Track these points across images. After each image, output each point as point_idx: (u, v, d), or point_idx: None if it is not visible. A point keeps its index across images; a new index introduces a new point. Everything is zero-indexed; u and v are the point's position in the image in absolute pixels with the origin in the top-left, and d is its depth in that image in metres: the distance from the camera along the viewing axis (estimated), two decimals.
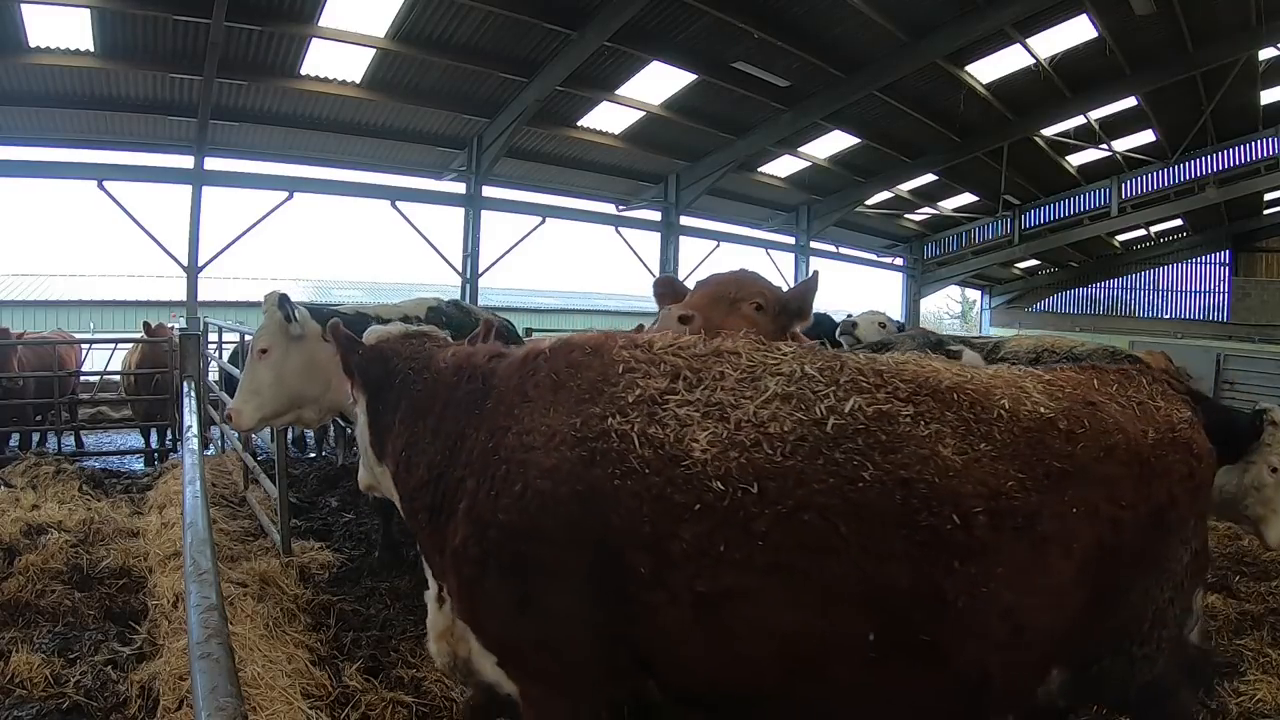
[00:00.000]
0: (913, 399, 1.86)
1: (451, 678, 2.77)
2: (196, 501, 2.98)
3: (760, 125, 14.45)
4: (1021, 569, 1.78)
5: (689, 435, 1.79)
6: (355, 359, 2.39)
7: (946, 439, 1.79)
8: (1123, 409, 2.04)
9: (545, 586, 1.84)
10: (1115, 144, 17.28)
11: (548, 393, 1.96)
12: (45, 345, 8.56)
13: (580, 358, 2.01)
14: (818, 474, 1.72)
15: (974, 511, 1.73)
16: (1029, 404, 1.94)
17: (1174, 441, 2.04)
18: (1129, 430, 1.99)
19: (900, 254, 23.16)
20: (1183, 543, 2.04)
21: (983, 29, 11.16)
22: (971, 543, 1.72)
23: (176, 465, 6.82)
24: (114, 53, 10.08)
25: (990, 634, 1.77)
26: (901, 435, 1.78)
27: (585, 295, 27.38)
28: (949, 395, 1.89)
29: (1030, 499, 1.79)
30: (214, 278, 13.70)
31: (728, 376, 1.92)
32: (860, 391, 1.86)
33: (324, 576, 4.63)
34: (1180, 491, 2.00)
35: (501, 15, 10.39)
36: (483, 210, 14.53)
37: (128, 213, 11.50)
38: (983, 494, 1.75)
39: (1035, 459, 1.83)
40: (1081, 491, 1.86)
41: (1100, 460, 1.90)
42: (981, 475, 1.77)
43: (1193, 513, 2.06)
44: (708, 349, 2.03)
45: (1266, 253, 22.40)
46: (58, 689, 3.26)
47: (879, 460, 1.74)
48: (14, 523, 5.13)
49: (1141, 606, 1.99)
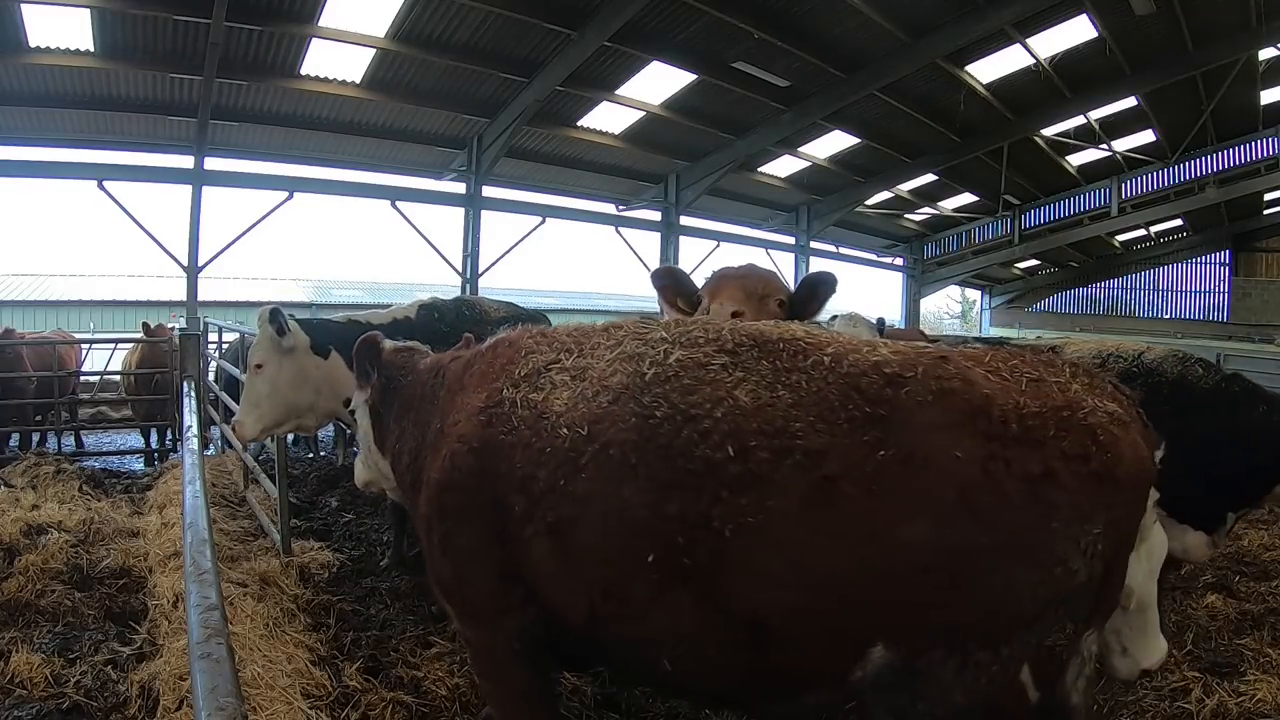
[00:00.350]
0: (736, 351, 2.01)
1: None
2: (196, 501, 2.99)
3: (760, 125, 14.46)
4: (802, 506, 1.78)
5: (554, 395, 2.13)
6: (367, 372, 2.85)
7: (747, 384, 1.92)
8: (993, 374, 1.85)
9: (458, 528, 2.24)
10: (1115, 144, 17.29)
11: (476, 379, 2.39)
12: (45, 345, 8.55)
13: (501, 348, 2.43)
14: (626, 415, 1.97)
15: (750, 446, 1.83)
16: (861, 356, 1.91)
17: (1066, 420, 1.76)
18: (984, 387, 1.81)
19: (900, 254, 23.16)
20: (1071, 543, 1.73)
21: (983, 29, 11.18)
22: (743, 474, 1.82)
23: (176, 465, 6.82)
24: (114, 53, 10.08)
25: (766, 571, 1.81)
26: (704, 380, 1.96)
27: (585, 295, 27.35)
28: (773, 346, 2.00)
29: (818, 439, 1.80)
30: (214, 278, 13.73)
31: (600, 346, 2.22)
32: (687, 346, 2.07)
33: (324, 576, 4.64)
34: (1069, 478, 1.72)
35: (501, 15, 10.40)
36: (483, 210, 14.54)
37: (128, 213, 11.51)
38: (765, 432, 1.83)
39: (839, 403, 1.83)
40: (897, 436, 1.77)
41: (926, 405, 1.78)
42: (770, 416, 1.85)
43: (1092, 517, 1.74)
44: (598, 328, 2.36)
45: (1266, 253, 22.42)
46: (58, 689, 3.26)
47: (675, 400, 1.94)
48: (14, 523, 5.13)
49: (995, 600, 1.73)
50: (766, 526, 1.81)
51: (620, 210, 17.18)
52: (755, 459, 1.83)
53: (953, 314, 37.84)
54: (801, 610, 1.82)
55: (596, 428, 1.99)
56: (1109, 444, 1.76)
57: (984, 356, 1.94)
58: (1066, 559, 1.73)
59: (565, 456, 2.00)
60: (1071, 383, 1.86)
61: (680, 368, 2.01)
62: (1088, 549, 1.74)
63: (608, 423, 1.98)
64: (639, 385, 2.01)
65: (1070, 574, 1.74)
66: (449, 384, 2.52)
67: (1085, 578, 1.76)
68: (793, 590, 1.81)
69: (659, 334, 2.17)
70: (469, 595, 2.28)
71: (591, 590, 2.02)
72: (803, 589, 1.80)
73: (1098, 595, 1.84)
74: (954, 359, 1.90)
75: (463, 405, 2.33)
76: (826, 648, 1.83)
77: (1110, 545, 1.80)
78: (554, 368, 2.21)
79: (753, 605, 1.85)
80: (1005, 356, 1.94)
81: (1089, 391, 1.86)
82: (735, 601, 1.86)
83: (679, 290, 3.13)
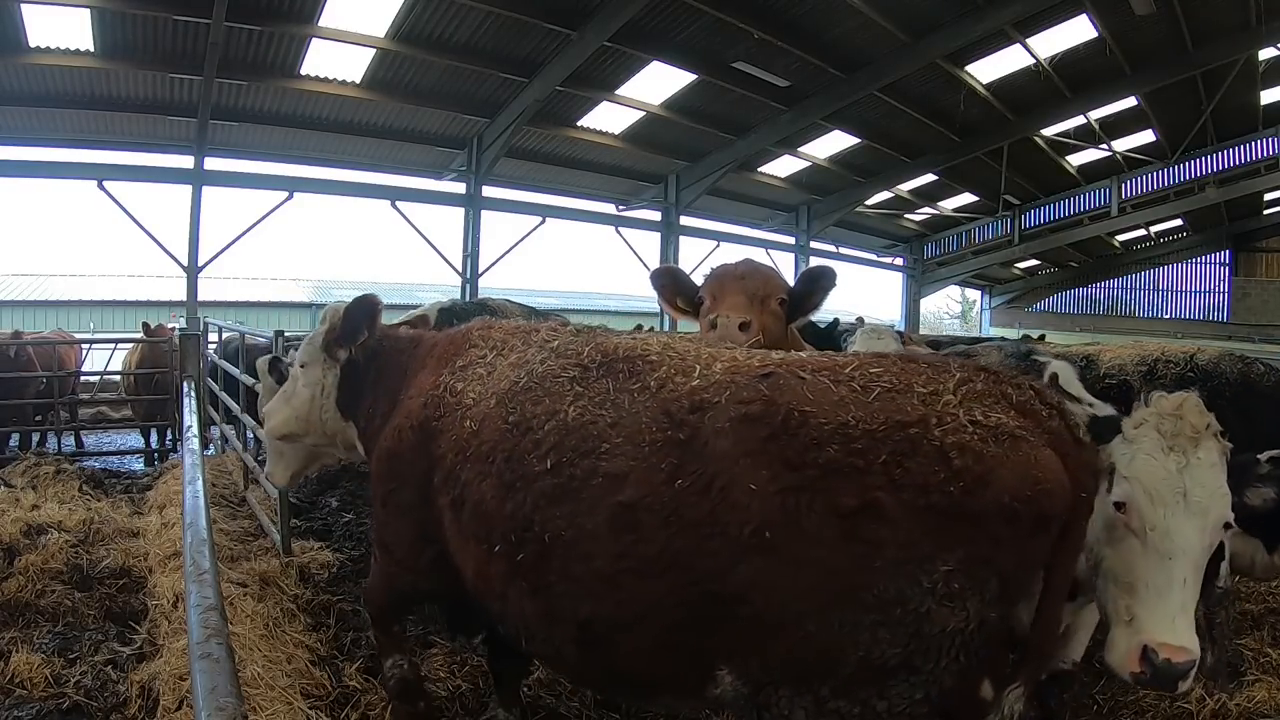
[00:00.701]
0: (586, 367, 2.12)
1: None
2: (196, 501, 2.98)
3: (760, 125, 14.46)
4: (608, 526, 1.81)
5: (469, 389, 2.36)
6: (336, 336, 2.97)
7: (580, 401, 2.03)
8: (837, 388, 1.69)
9: (399, 489, 2.51)
10: (1115, 144, 17.29)
11: (432, 363, 2.65)
12: (45, 345, 8.55)
13: (457, 337, 2.69)
14: (497, 417, 2.17)
15: (564, 461, 1.93)
16: (686, 379, 1.89)
17: (909, 440, 1.55)
18: (800, 408, 1.65)
19: (900, 254, 23.16)
20: (910, 583, 1.52)
21: (983, 29, 11.17)
22: (558, 488, 1.92)
23: (176, 465, 6.82)
24: (114, 53, 10.08)
25: (581, 581, 1.88)
26: (550, 392, 2.10)
27: (585, 295, 27.36)
28: (616, 365, 2.08)
29: (621, 462, 1.83)
30: (214, 278, 13.72)
31: (517, 348, 2.42)
32: (559, 357, 2.22)
33: (324, 576, 4.63)
34: (898, 510, 1.53)
35: (501, 15, 10.40)
36: (483, 210, 14.54)
37: (128, 213, 11.51)
38: (580, 450, 1.92)
39: (648, 427, 1.84)
40: (694, 464, 1.71)
41: (723, 432, 1.71)
42: (587, 434, 1.94)
43: (935, 555, 1.52)
44: (532, 328, 2.57)
45: (1266, 253, 22.43)
46: (58, 689, 3.25)
47: (525, 409, 2.11)
48: (14, 523, 5.12)
49: (829, 641, 1.58)
50: (577, 541, 1.87)
51: (620, 210, 17.18)
52: (568, 474, 1.91)
53: (953, 314, 37.85)
54: (623, 623, 1.83)
55: (481, 424, 2.21)
56: (968, 469, 1.52)
57: (845, 366, 1.76)
58: (906, 601, 1.53)
59: (463, 445, 2.23)
60: (945, 394, 1.63)
61: (540, 378, 2.16)
62: (944, 590, 1.52)
63: (487, 422, 2.19)
64: (512, 391, 2.20)
65: (923, 618, 1.53)
66: (417, 360, 2.76)
67: (963, 623, 1.54)
68: (610, 603, 1.83)
69: (555, 342, 2.34)
70: (391, 540, 2.62)
71: (468, 565, 2.24)
72: (619, 604, 1.82)
73: (1008, 643, 1.64)
74: (782, 374, 1.75)
75: (418, 385, 2.60)
76: (668, 662, 1.83)
77: (995, 585, 1.55)
78: (480, 363, 2.44)
79: (576, 609, 1.92)
80: (869, 365, 1.74)
81: (971, 402, 1.62)
82: (561, 602, 1.95)
83: (678, 290, 3.10)
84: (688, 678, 1.82)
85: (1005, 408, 1.63)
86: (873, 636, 1.55)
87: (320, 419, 3.06)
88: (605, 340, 2.25)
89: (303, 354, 3.09)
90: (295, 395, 3.11)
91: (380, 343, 2.98)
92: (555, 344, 2.31)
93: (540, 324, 2.67)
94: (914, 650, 1.56)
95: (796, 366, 1.80)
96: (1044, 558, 1.63)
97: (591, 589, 1.86)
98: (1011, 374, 1.79)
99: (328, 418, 3.04)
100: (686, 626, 1.75)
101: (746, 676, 1.71)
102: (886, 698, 1.60)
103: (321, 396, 3.03)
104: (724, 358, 1.98)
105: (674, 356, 2.03)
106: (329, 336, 3.00)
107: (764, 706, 1.69)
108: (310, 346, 3.07)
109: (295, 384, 3.14)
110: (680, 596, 1.73)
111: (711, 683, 1.78)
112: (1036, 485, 1.53)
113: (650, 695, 2.08)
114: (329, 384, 3.02)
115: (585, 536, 1.86)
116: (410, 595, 2.80)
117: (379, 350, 2.96)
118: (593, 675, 2.14)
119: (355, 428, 3.01)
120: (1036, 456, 1.56)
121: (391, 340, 3.00)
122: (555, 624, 2.00)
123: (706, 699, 1.86)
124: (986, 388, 1.67)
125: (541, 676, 3.30)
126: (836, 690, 1.61)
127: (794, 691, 1.64)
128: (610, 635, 1.88)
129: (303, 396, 3.06)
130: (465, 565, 2.26)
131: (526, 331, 2.54)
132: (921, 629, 1.54)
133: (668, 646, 1.81)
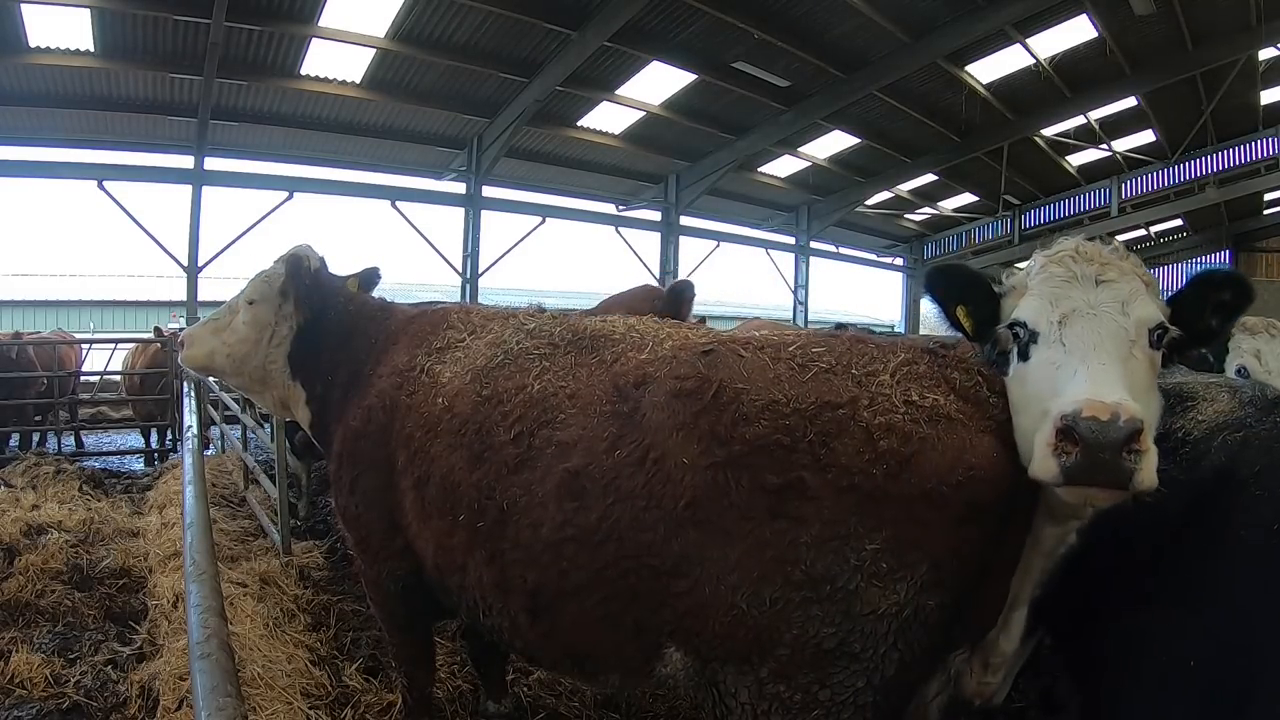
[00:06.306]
0: (556, 344, 2.18)
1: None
2: (196, 501, 2.98)
3: (760, 125, 14.46)
4: (556, 494, 1.86)
5: (444, 369, 2.35)
6: (303, 287, 2.79)
7: (547, 375, 2.08)
8: (775, 365, 1.70)
9: (366, 473, 2.46)
10: (1115, 144, 17.30)
11: (405, 340, 2.60)
12: (45, 345, 8.56)
13: (436, 317, 2.63)
14: (470, 393, 2.19)
15: (525, 432, 1.99)
16: (638, 353, 1.96)
17: (835, 421, 1.56)
18: (734, 385, 1.67)
19: (900, 254, 23.17)
20: (837, 560, 1.52)
21: (983, 29, 11.18)
22: (519, 456, 1.97)
23: (176, 465, 6.82)
24: (114, 53, 10.09)
25: (530, 548, 1.92)
26: (521, 368, 2.15)
27: (585, 295, 27.33)
28: (584, 342, 2.14)
29: (571, 431, 1.89)
30: (214, 278, 13.69)
31: (493, 330, 2.43)
32: (533, 337, 2.25)
33: (324, 576, 4.63)
34: (823, 487, 1.53)
35: (501, 15, 10.41)
36: (483, 210, 14.55)
37: (128, 213, 11.53)
38: (541, 421, 1.97)
39: (599, 399, 1.91)
40: (633, 436, 1.77)
41: (659, 406, 1.75)
42: (548, 405, 1.99)
43: (861, 533, 1.51)
44: (509, 312, 2.57)
45: (1266, 253, 22.41)
46: (58, 689, 3.25)
47: (497, 384, 2.15)
48: (14, 523, 5.12)
49: (764, 618, 1.58)
50: (530, 508, 1.92)
51: (620, 210, 17.19)
52: (527, 443, 1.97)
53: None
54: (567, 592, 1.87)
55: (453, 400, 2.22)
56: (893, 450, 1.50)
57: (789, 345, 1.76)
58: (834, 578, 1.52)
59: (434, 421, 2.24)
60: (881, 374, 1.62)
61: (514, 356, 2.21)
62: (872, 569, 1.50)
63: (460, 398, 2.21)
64: (487, 368, 2.22)
65: (853, 596, 1.52)
66: (388, 335, 2.67)
67: (896, 606, 1.51)
68: (554, 572, 1.87)
69: (530, 325, 2.37)
70: (365, 533, 2.52)
71: (429, 544, 2.24)
72: (562, 573, 1.86)
73: (949, 617, 1.58)
74: (722, 352, 1.77)
75: (390, 362, 2.55)
76: (614, 636, 1.85)
77: (926, 570, 1.51)
78: (456, 344, 2.44)
79: (525, 577, 1.95)
80: (813, 345, 1.73)
81: (908, 383, 1.60)
82: (512, 569, 1.98)
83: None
84: (635, 654, 1.84)
85: (945, 390, 1.60)
86: (805, 614, 1.56)
87: (262, 366, 2.81)
88: (578, 322, 2.30)
89: (254, 291, 2.81)
90: (230, 330, 2.82)
91: (347, 305, 2.81)
92: (531, 326, 2.36)
93: (518, 309, 2.65)
94: (849, 632, 1.54)
95: (740, 344, 1.84)
96: (980, 546, 1.57)
97: (538, 556, 1.90)
98: (963, 359, 1.72)
99: (273, 369, 2.81)
100: (629, 598, 1.78)
101: (695, 654, 1.73)
102: (828, 685, 1.58)
103: (269, 344, 2.79)
104: (677, 336, 2.05)
105: (636, 336, 2.09)
106: (295, 287, 2.75)
107: (711, 686, 1.72)
108: (266, 286, 2.79)
109: (233, 317, 2.83)
110: (621, 568, 1.76)
111: (660, 660, 1.80)
112: (968, 470, 1.50)
113: (599, 671, 2.03)
114: (282, 334, 2.80)
115: (536, 504, 1.90)
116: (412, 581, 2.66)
117: (346, 314, 2.78)
118: (543, 647, 2.10)
119: (304, 390, 2.80)
120: (971, 441, 1.53)
121: (359, 305, 2.84)
122: (509, 593, 2.02)
123: (656, 678, 1.88)
124: (928, 370, 1.65)
125: (541, 677, 3.30)
126: (775, 673, 1.60)
127: (737, 671, 1.65)
128: (557, 604, 1.91)
129: (240, 334, 2.78)
130: (426, 546, 2.26)
131: (504, 316, 2.55)
132: (852, 608, 1.53)
133: (612, 618, 1.82)
